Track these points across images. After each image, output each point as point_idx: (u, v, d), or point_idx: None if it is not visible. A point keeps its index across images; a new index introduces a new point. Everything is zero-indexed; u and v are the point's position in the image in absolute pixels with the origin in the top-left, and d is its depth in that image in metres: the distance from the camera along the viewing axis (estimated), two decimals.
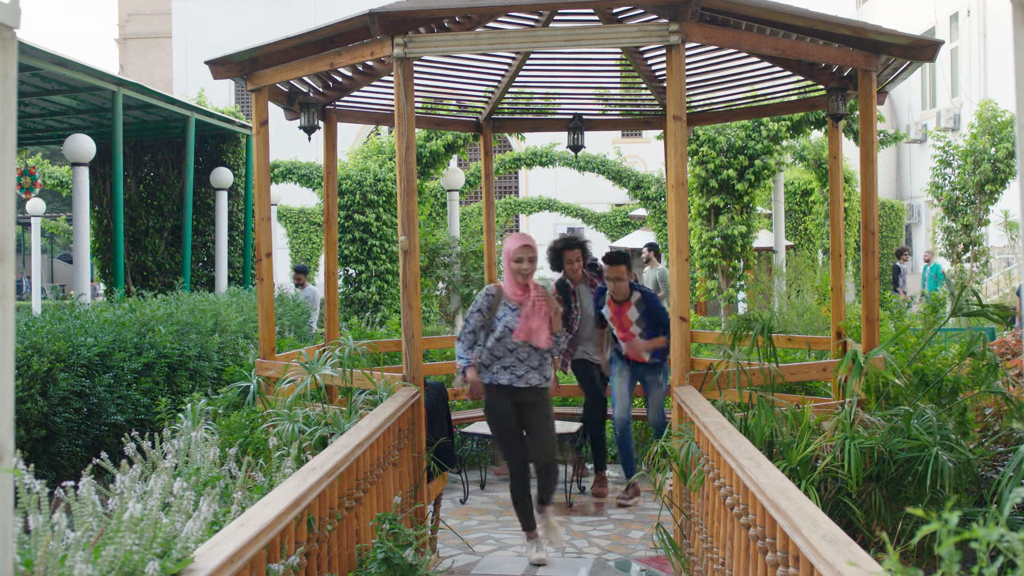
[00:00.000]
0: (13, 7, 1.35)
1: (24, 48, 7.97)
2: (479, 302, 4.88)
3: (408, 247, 4.61)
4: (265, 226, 5.64)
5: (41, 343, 5.81)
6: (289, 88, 6.03)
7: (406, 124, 4.60)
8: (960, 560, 1.11)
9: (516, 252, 4.81)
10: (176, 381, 7.23)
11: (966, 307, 4.20)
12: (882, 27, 5.22)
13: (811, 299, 9.80)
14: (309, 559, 2.75)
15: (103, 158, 11.25)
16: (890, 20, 17.59)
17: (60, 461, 5.92)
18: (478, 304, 4.87)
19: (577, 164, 16.68)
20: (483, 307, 4.84)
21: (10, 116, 1.37)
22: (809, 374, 5.24)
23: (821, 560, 1.91)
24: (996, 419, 4.63)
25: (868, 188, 5.51)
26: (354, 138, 20.36)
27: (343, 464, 3.08)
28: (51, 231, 27.16)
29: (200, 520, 2.15)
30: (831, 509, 3.54)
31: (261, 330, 5.68)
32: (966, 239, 13.83)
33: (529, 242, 4.83)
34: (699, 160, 12.17)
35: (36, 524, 1.89)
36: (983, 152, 13.49)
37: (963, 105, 20.24)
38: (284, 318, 9.52)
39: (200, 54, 6.57)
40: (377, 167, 13.19)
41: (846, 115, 6.10)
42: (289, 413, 4.24)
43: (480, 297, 4.91)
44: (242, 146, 12.89)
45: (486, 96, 7.36)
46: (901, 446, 3.60)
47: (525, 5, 5.24)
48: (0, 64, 1.34)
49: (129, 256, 12.26)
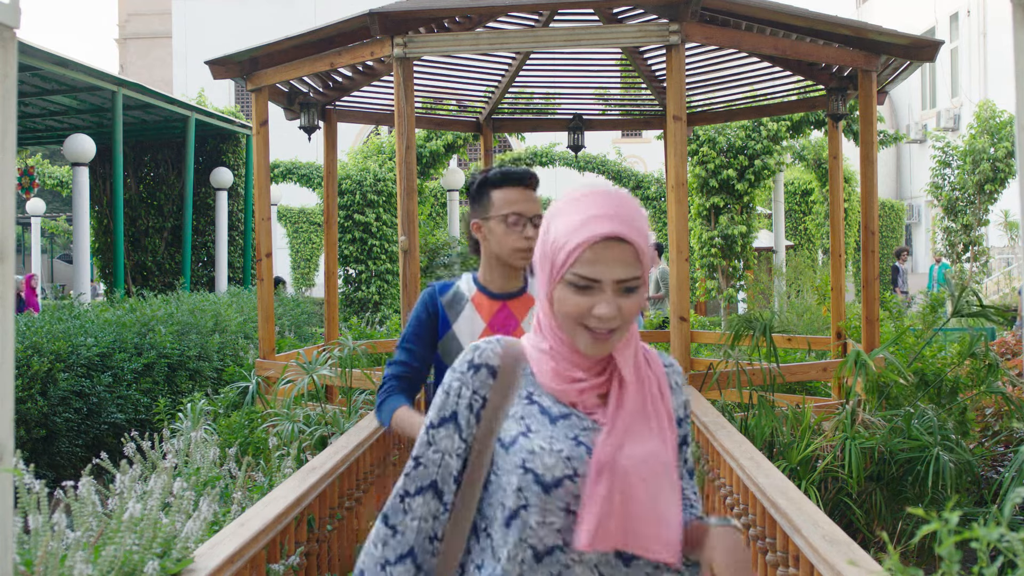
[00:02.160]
0: (13, 7, 1.35)
1: (24, 48, 7.97)
2: (453, 386, 1.43)
3: (408, 247, 4.61)
4: (265, 226, 5.64)
5: (41, 343, 5.81)
6: (289, 88, 6.03)
7: (406, 124, 4.60)
8: (960, 560, 1.11)
9: (584, 252, 1.32)
10: (176, 381, 7.23)
11: (966, 308, 4.20)
12: (882, 27, 5.21)
13: (811, 299, 9.80)
14: (309, 559, 2.75)
15: (103, 158, 11.25)
16: (890, 20, 17.59)
17: (60, 461, 5.91)
18: (449, 389, 1.44)
19: (577, 164, 16.69)
20: (455, 405, 1.41)
21: (10, 116, 1.37)
22: (809, 374, 5.24)
23: (821, 560, 1.91)
24: (996, 419, 4.64)
25: (868, 188, 5.51)
26: (354, 138, 20.37)
27: (343, 464, 3.07)
28: (51, 231, 27.15)
29: (200, 520, 2.15)
30: (831, 509, 3.54)
31: (261, 330, 5.68)
32: (966, 239, 13.83)
33: (626, 231, 1.29)
34: (699, 160, 12.17)
35: (36, 524, 1.89)
36: (982, 152, 13.50)
37: (963, 105, 20.23)
38: (284, 318, 9.52)
39: (200, 54, 6.58)
40: (377, 167, 13.19)
41: (846, 115, 6.10)
42: (289, 413, 4.24)
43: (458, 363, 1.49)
44: (242, 146, 12.89)
45: (486, 96, 7.36)
46: (902, 446, 3.60)
47: (525, 5, 5.24)
48: (0, 64, 1.34)
49: (129, 256, 12.26)
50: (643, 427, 1.31)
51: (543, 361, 1.36)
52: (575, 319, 1.30)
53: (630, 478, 1.27)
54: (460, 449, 1.36)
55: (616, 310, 1.27)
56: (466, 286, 2.51)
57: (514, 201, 2.35)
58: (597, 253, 1.27)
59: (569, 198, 1.34)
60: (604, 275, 1.27)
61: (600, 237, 1.27)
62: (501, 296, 2.48)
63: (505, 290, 2.48)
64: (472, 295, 2.49)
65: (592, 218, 1.28)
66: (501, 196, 2.35)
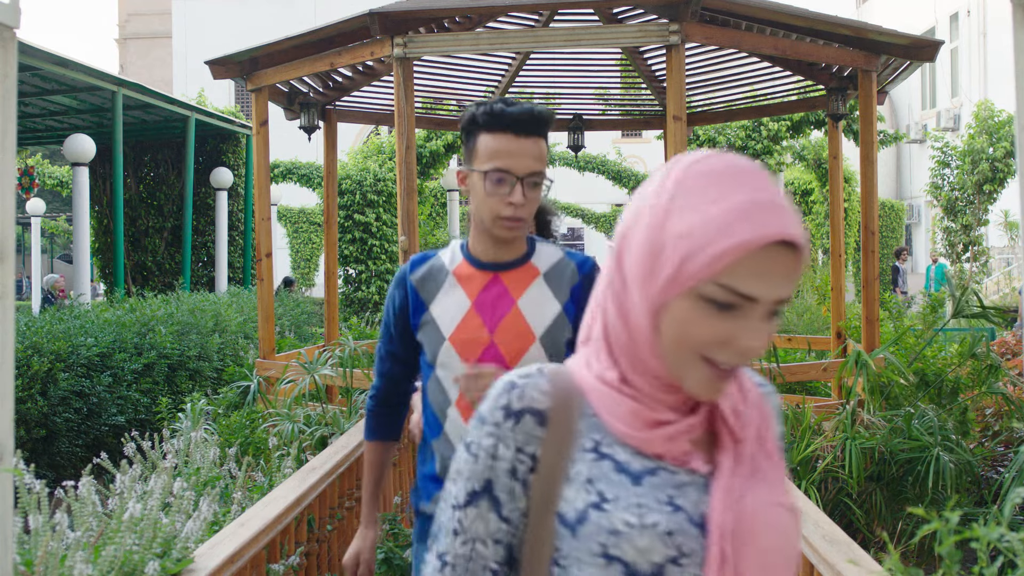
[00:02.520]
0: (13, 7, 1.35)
1: (24, 48, 7.97)
2: (484, 445, 1.00)
3: (408, 247, 4.60)
4: (265, 226, 5.64)
5: (41, 343, 5.81)
6: (289, 88, 6.03)
7: (406, 124, 4.60)
8: (960, 560, 1.11)
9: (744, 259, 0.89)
10: (176, 381, 7.23)
11: (968, 309, 4.20)
12: (882, 27, 5.21)
13: (811, 299, 9.80)
14: (309, 559, 2.75)
15: (103, 158, 11.25)
16: (890, 20, 17.59)
17: (60, 461, 5.91)
18: (479, 450, 1.01)
19: (577, 164, 16.69)
20: (490, 471, 1.00)
21: (10, 116, 1.37)
22: (809, 374, 5.23)
23: (821, 560, 1.91)
24: (996, 419, 4.63)
25: (868, 188, 5.51)
26: (354, 138, 20.36)
27: (343, 464, 3.07)
28: (51, 231, 27.15)
29: (200, 520, 2.15)
30: (831, 509, 3.54)
31: (261, 330, 5.68)
32: (965, 239, 13.83)
33: (799, 232, 0.91)
34: None
35: (36, 524, 1.89)
36: (981, 152, 13.50)
37: (963, 105, 20.24)
38: (284, 318, 9.52)
39: (200, 54, 6.57)
40: (377, 167, 13.19)
41: (846, 115, 6.10)
42: (289, 413, 4.24)
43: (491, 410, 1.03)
44: (242, 146, 12.90)
45: (486, 96, 7.36)
46: (902, 447, 3.60)
47: (525, 5, 5.24)
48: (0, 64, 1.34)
49: (129, 256, 12.26)
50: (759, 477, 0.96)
51: (616, 400, 0.97)
52: (699, 348, 0.91)
53: (759, 540, 0.92)
54: (501, 533, 0.98)
55: (766, 341, 0.91)
56: (449, 256, 1.92)
57: (501, 152, 1.75)
58: (762, 262, 0.88)
59: (700, 167, 0.92)
60: (766, 293, 0.89)
61: (774, 239, 0.88)
62: (492, 267, 1.88)
63: (499, 259, 1.88)
64: (455, 266, 1.89)
65: (755, 206, 0.88)
66: (487, 143, 1.77)
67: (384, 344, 1.99)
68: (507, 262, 1.89)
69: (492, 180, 1.76)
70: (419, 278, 1.90)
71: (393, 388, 2.04)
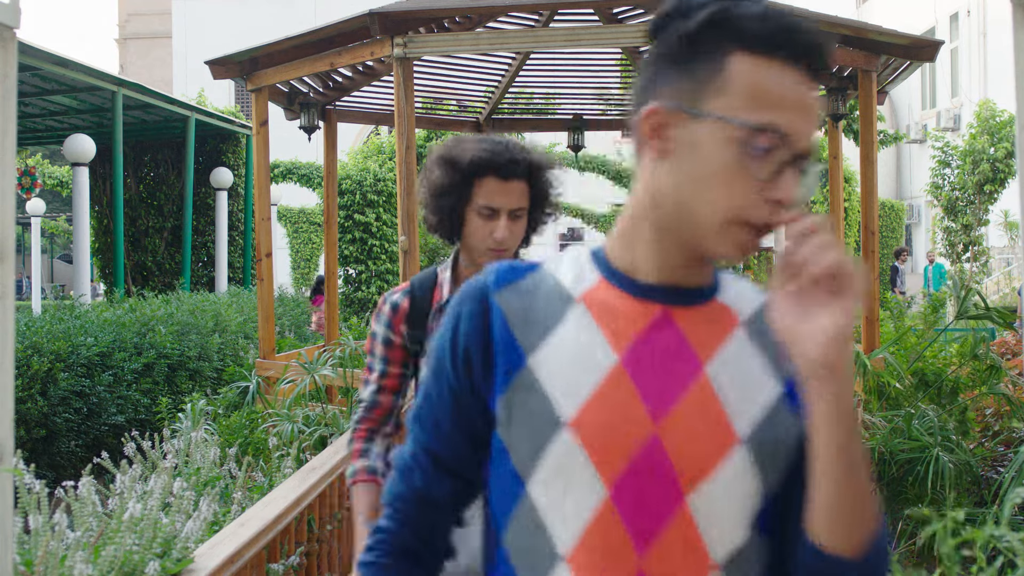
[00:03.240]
0: (13, 7, 1.35)
1: (24, 48, 7.97)
2: None
3: (408, 247, 4.60)
4: (265, 226, 5.64)
5: (41, 343, 5.81)
6: (289, 88, 6.03)
7: (406, 124, 4.60)
8: (960, 561, 1.11)
9: None
10: (176, 381, 7.23)
11: (972, 310, 4.20)
12: (882, 27, 5.22)
13: None
14: (309, 559, 2.75)
15: (103, 158, 11.25)
16: (890, 20, 17.59)
17: (60, 461, 5.92)
18: None
19: (577, 164, 16.67)
20: None
21: (10, 116, 1.37)
22: None
23: None
24: (996, 420, 4.63)
25: (868, 188, 5.51)
26: (354, 138, 20.36)
27: (343, 464, 3.07)
28: (51, 231, 27.16)
29: (200, 520, 2.15)
30: None
31: (261, 330, 5.68)
32: (966, 239, 13.83)
33: None
34: None
35: (36, 524, 1.89)
36: (982, 152, 13.50)
37: (963, 105, 20.24)
38: (284, 318, 9.53)
39: (200, 54, 6.57)
40: (377, 167, 13.19)
41: (846, 115, 6.10)
42: (289, 413, 4.24)
43: None
44: (242, 146, 12.90)
45: (486, 96, 7.36)
46: (902, 447, 3.60)
47: (525, 5, 5.24)
48: (0, 64, 1.34)
49: (129, 256, 12.26)
50: None
51: None
52: None
53: None
54: None
55: None
56: (570, 268, 1.06)
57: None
58: None
59: None
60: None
61: None
62: (662, 294, 1.13)
63: (678, 282, 1.08)
64: (585, 286, 1.03)
65: None
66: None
67: (419, 437, 1.05)
68: (688, 289, 1.01)
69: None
70: (511, 300, 1.01)
71: (420, 533, 1.06)
